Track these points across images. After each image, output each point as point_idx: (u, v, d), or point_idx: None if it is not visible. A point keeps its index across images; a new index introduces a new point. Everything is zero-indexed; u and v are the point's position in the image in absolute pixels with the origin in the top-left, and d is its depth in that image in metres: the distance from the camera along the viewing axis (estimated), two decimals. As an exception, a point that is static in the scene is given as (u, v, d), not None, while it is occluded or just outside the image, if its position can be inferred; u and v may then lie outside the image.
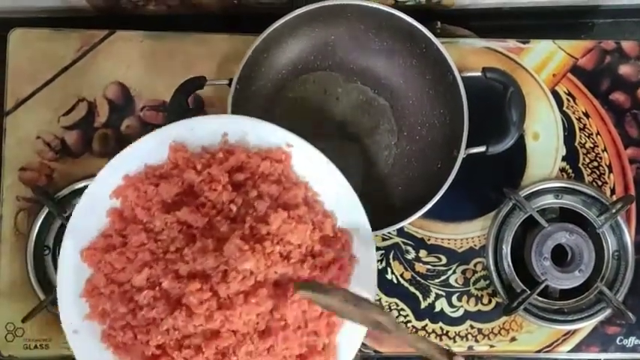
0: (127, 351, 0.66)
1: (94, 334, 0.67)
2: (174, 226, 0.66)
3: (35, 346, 0.83)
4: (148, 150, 0.68)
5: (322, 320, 0.68)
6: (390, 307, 0.87)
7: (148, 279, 0.65)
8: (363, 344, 0.86)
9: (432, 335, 0.87)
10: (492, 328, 0.87)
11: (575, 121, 0.90)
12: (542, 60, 0.91)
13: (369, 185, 0.81)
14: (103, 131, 0.87)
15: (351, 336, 0.69)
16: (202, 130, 0.69)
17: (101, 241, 0.67)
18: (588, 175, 0.90)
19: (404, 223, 0.77)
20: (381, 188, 0.81)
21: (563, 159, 0.90)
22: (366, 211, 0.71)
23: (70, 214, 0.83)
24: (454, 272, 0.88)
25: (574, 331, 0.87)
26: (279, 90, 0.85)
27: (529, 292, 0.84)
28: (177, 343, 0.64)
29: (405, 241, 0.88)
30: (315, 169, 0.70)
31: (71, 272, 0.68)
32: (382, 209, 0.73)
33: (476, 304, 0.87)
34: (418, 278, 0.87)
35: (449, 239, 0.88)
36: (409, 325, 0.86)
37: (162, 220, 0.66)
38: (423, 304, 0.87)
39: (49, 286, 0.84)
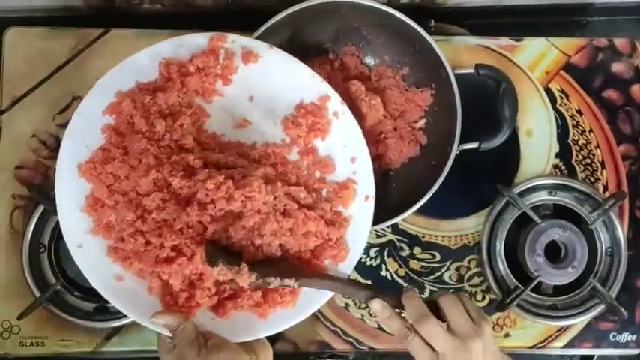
0: (139, 259, 0.65)
1: (99, 250, 0.67)
2: (177, 129, 0.67)
3: (31, 344, 0.83)
4: (137, 67, 0.69)
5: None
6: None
7: (155, 183, 0.65)
8: (358, 341, 0.86)
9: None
10: (486, 324, 0.87)
11: (568, 118, 0.91)
12: (536, 57, 0.91)
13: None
14: (97, 129, 0.88)
15: (358, 233, 0.70)
16: (190, 46, 0.70)
17: (99, 154, 0.67)
18: (581, 172, 0.90)
19: (398, 219, 0.78)
20: (375, 185, 0.81)
21: (557, 156, 0.90)
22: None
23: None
24: (448, 269, 0.88)
25: (567, 327, 0.88)
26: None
27: (522, 288, 0.84)
28: (194, 241, 0.65)
29: (400, 238, 0.88)
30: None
31: (70, 189, 0.67)
32: (377, 206, 0.73)
33: (470, 301, 0.88)
34: (412, 275, 0.88)
35: (443, 236, 0.88)
36: (404, 321, 0.87)
37: (162, 126, 0.67)
38: (418, 301, 0.88)
39: (44, 283, 0.84)
